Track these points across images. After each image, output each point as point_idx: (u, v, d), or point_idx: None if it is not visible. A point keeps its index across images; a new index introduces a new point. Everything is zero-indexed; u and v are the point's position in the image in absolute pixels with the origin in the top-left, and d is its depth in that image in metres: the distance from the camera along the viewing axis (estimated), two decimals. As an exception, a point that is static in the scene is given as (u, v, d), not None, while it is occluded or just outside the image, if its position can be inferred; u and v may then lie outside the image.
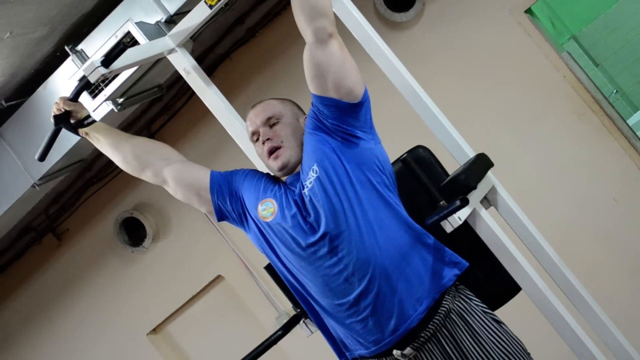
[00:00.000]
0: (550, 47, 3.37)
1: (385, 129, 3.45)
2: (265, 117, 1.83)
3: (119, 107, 2.98)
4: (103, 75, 1.87)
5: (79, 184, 4.08)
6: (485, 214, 1.78)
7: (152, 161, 1.94)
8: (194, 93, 2.19)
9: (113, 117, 3.08)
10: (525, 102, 3.44)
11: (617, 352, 1.94)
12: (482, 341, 1.69)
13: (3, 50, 2.70)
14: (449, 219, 1.64)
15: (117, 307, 4.22)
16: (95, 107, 2.93)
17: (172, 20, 2.81)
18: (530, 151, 3.46)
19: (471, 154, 1.94)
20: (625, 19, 4.80)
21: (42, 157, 2.04)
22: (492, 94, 3.48)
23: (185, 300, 4.13)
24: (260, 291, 3.95)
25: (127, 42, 1.91)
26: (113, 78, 2.84)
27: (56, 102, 1.96)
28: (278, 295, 3.83)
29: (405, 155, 1.82)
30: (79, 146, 3.07)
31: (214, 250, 4.01)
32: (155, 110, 3.89)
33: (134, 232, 4.13)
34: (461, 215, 1.67)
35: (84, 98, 2.88)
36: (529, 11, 3.39)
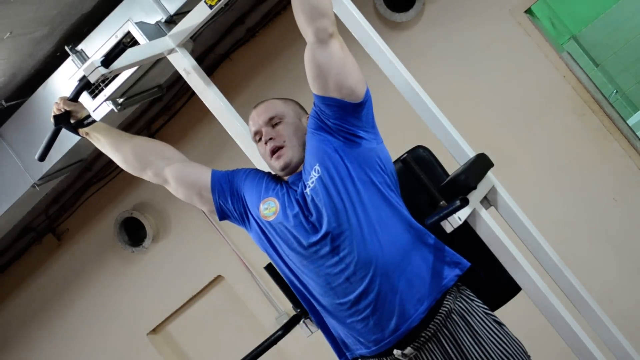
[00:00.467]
0: (550, 47, 3.37)
1: (385, 128, 3.45)
2: (267, 117, 1.84)
3: (119, 107, 2.98)
4: (103, 75, 1.87)
5: (79, 184, 4.08)
6: (485, 214, 1.78)
7: (153, 161, 1.94)
8: (194, 93, 2.19)
9: (113, 117, 3.08)
10: (525, 102, 3.44)
11: (617, 352, 1.94)
12: (482, 342, 1.69)
13: (3, 50, 2.70)
14: (449, 219, 1.64)
15: (117, 307, 4.22)
16: (95, 107, 2.93)
17: (172, 20, 2.81)
18: (530, 151, 3.46)
19: (471, 154, 1.94)
20: (625, 19, 4.80)
21: (42, 157, 2.04)
22: (492, 94, 3.48)
23: (185, 300, 4.13)
24: (260, 291, 3.95)
25: (127, 42, 1.91)
26: (113, 78, 2.84)
27: (56, 102, 1.96)
28: (278, 295, 3.83)
29: (405, 155, 1.82)
30: (79, 146, 3.07)
31: (214, 250, 4.00)
32: (155, 110, 3.89)
33: (134, 232, 4.13)
34: (461, 215, 1.67)
35: (84, 98, 2.88)
36: (529, 11, 3.39)
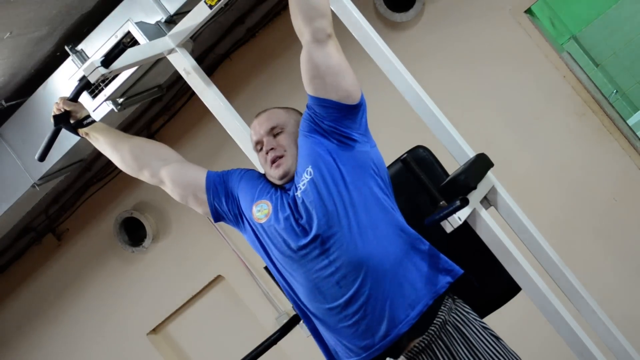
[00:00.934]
0: (550, 47, 3.37)
1: (385, 129, 3.47)
2: (269, 127, 1.83)
3: (119, 107, 2.98)
4: (103, 75, 1.87)
5: (79, 184, 4.08)
6: (485, 214, 1.78)
7: (150, 161, 1.94)
8: (194, 93, 2.19)
9: (113, 117, 3.08)
10: (525, 102, 3.44)
11: (617, 352, 1.94)
12: (478, 354, 1.67)
13: (3, 50, 2.70)
14: (449, 219, 1.64)
15: (117, 307, 4.22)
16: (95, 107, 2.93)
17: (172, 20, 2.81)
18: (530, 151, 3.46)
19: (471, 154, 1.94)
20: (625, 19, 4.80)
21: (42, 157, 2.04)
22: (492, 94, 3.48)
23: (185, 300, 4.13)
24: (260, 291, 3.95)
25: (127, 42, 1.91)
26: (113, 78, 2.84)
27: (56, 102, 1.96)
28: (278, 295, 3.84)
29: (405, 155, 1.82)
30: (79, 146, 3.07)
31: (214, 250, 4.01)
32: (155, 110, 3.89)
33: (134, 232, 4.13)
34: (461, 215, 1.67)
35: (84, 98, 2.88)
36: (529, 11, 3.39)
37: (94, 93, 2.90)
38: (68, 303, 4.29)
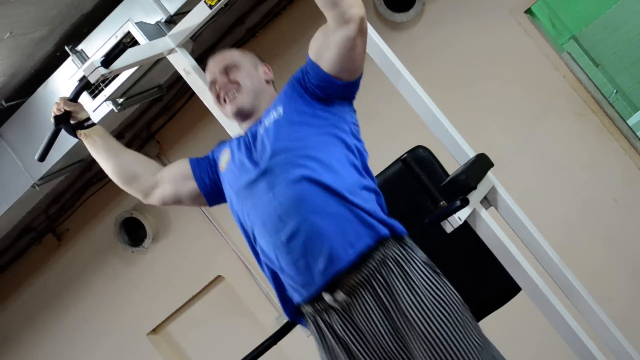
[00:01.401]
0: (550, 47, 3.37)
1: (385, 129, 3.48)
2: (223, 66, 1.85)
3: (119, 107, 2.98)
4: (103, 75, 1.87)
5: (79, 184, 4.08)
6: (485, 214, 1.78)
7: (142, 175, 1.96)
8: (194, 93, 2.20)
9: (113, 117, 3.09)
10: (525, 102, 3.44)
11: (617, 352, 1.94)
12: (416, 288, 1.63)
13: (3, 50, 2.70)
14: (449, 219, 1.64)
15: (117, 307, 4.22)
16: (95, 107, 2.93)
17: (172, 21, 2.81)
18: (530, 151, 3.46)
19: (471, 154, 1.94)
20: (625, 19, 4.80)
21: (42, 158, 2.04)
22: (492, 94, 3.48)
23: (185, 300, 4.13)
24: (260, 291, 3.95)
25: (127, 42, 1.91)
26: (113, 78, 2.84)
27: (56, 103, 1.95)
28: (278, 295, 3.83)
29: (405, 155, 1.82)
30: (79, 146, 3.05)
31: (214, 250, 4.01)
32: (155, 110, 3.89)
33: (134, 232, 4.13)
34: (461, 215, 1.67)
35: (84, 98, 2.88)
36: (529, 11, 3.40)
37: (94, 93, 2.91)
38: (68, 303, 4.29)
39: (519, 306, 2.06)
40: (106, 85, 2.88)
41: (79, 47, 2.87)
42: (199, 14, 2.07)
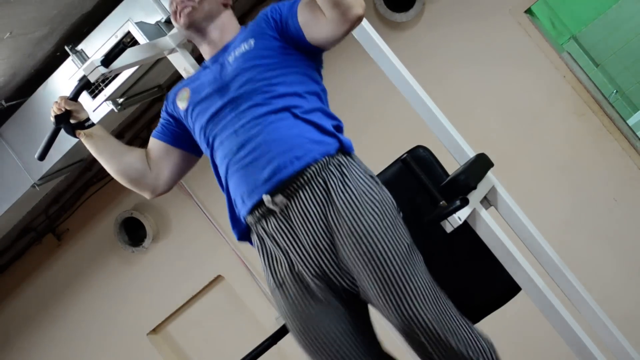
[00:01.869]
0: (550, 47, 3.37)
1: (385, 128, 3.48)
2: None
3: (119, 107, 2.98)
4: (103, 75, 1.87)
5: (79, 184, 4.08)
6: (485, 214, 1.78)
7: (146, 174, 1.96)
8: (194, 93, 2.19)
9: (113, 117, 3.09)
10: (525, 102, 3.44)
11: (617, 352, 1.94)
12: (352, 187, 1.66)
13: (3, 50, 2.70)
14: (449, 219, 1.64)
15: (117, 307, 4.22)
16: (96, 107, 2.93)
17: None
18: (530, 151, 3.46)
19: (471, 154, 1.94)
20: (625, 19, 4.80)
21: (42, 157, 2.03)
22: (492, 94, 3.48)
23: (185, 300, 4.13)
24: (260, 291, 3.95)
25: (127, 42, 1.91)
26: (113, 78, 2.84)
27: (56, 102, 1.95)
28: (278, 295, 3.83)
29: (405, 155, 1.82)
30: (79, 146, 3.05)
31: (214, 250, 4.01)
32: (155, 110, 3.88)
33: (134, 232, 4.13)
34: (461, 215, 1.67)
35: (84, 98, 2.88)
36: (529, 11, 3.40)
37: (94, 93, 2.91)
38: (68, 303, 4.29)
39: (519, 306, 2.06)
40: (106, 85, 2.88)
41: (79, 47, 2.87)
42: (199, 14, 2.06)
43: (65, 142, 3.01)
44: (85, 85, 1.92)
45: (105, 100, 2.91)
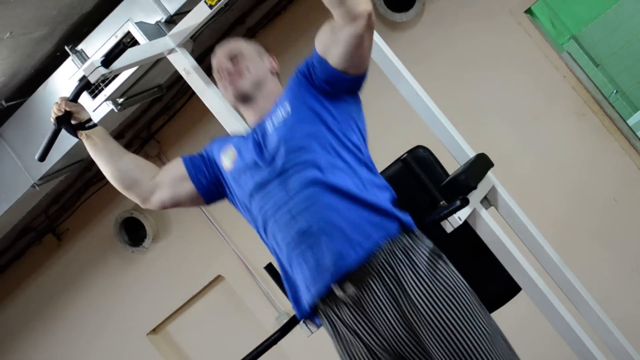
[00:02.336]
0: (550, 47, 3.37)
1: (385, 129, 3.47)
2: (228, 52, 1.88)
3: (119, 107, 2.98)
4: (103, 75, 1.87)
5: (79, 184, 4.08)
6: (485, 214, 1.78)
7: (142, 180, 1.94)
8: (194, 93, 2.19)
9: (113, 117, 3.09)
10: (525, 102, 3.44)
11: (617, 352, 1.94)
12: (423, 276, 1.64)
13: (3, 50, 2.70)
14: (449, 218, 1.64)
15: (117, 307, 4.22)
16: (96, 107, 2.93)
17: (172, 20, 2.81)
18: (530, 151, 3.46)
19: (471, 154, 1.94)
20: (625, 19, 4.80)
21: (42, 158, 2.03)
22: (492, 94, 3.48)
23: (185, 300, 4.13)
24: (260, 291, 3.95)
25: (127, 42, 1.91)
26: (113, 78, 2.84)
27: (56, 103, 1.95)
28: (278, 295, 3.83)
29: (405, 155, 1.82)
30: (79, 146, 3.04)
31: (214, 250, 4.01)
32: (155, 110, 3.89)
33: (134, 232, 4.13)
34: (461, 215, 1.67)
35: (84, 98, 2.88)
36: (529, 11, 3.40)
37: (94, 93, 2.91)
38: (68, 303, 4.29)
39: (519, 306, 2.06)
40: (106, 85, 2.87)
41: (79, 47, 2.87)
42: (199, 14, 2.06)
43: (65, 142, 3.01)
44: (85, 85, 1.92)
45: (105, 100, 2.91)
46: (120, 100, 2.98)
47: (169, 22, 2.81)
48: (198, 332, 4.18)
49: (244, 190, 1.78)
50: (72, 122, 1.96)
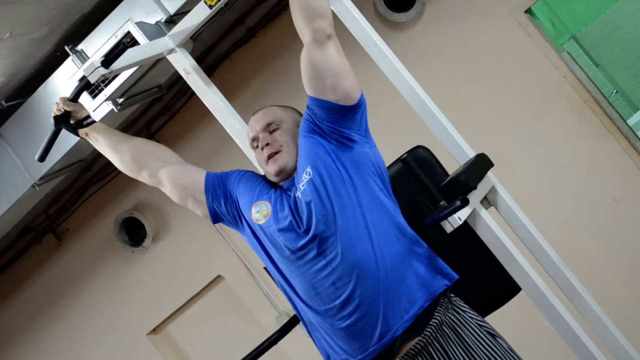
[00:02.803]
0: (550, 47, 3.37)
1: (384, 129, 3.47)
2: (265, 123, 1.83)
3: (119, 107, 2.98)
4: (103, 75, 1.87)
5: (79, 184, 4.08)
6: (485, 214, 1.78)
7: (149, 162, 1.94)
8: (194, 93, 2.19)
9: (113, 117, 3.09)
10: (525, 102, 3.44)
11: (617, 352, 1.94)
12: (474, 354, 1.66)
13: (3, 50, 2.70)
14: (449, 219, 1.64)
15: (117, 307, 4.22)
16: (95, 107, 2.93)
17: (172, 20, 2.81)
18: (530, 151, 3.46)
19: (471, 154, 1.94)
20: (625, 19, 4.80)
21: (42, 158, 2.04)
22: (492, 94, 3.48)
23: (185, 300, 4.13)
24: (260, 291, 3.95)
25: (127, 42, 1.91)
26: (113, 78, 2.84)
27: (56, 103, 1.96)
28: (278, 295, 3.84)
29: (405, 155, 1.82)
30: (79, 146, 3.07)
31: (214, 250, 4.01)
32: (155, 110, 3.89)
33: (134, 232, 4.13)
34: (461, 215, 1.67)
35: (84, 98, 2.88)
36: (529, 11, 3.40)
37: (94, 93, 2.90)
38: (68, 303, 4.29)
39: (519, 306, 2.06)
40: (106, 85, 2.87)
41: (79, 47, 2.87)
42: (199, 14, 2.06)
43: (65, 142, 3.02)
44: (85, 85, 1.92)
45: (105, 100, 2.91)
46: (120, 100, 2.98)
47: (169, 22, 2.81)
48: (198, 332, 4.18)
49: (277, 249, 1.76)
50: (71, 121, 1.97)
